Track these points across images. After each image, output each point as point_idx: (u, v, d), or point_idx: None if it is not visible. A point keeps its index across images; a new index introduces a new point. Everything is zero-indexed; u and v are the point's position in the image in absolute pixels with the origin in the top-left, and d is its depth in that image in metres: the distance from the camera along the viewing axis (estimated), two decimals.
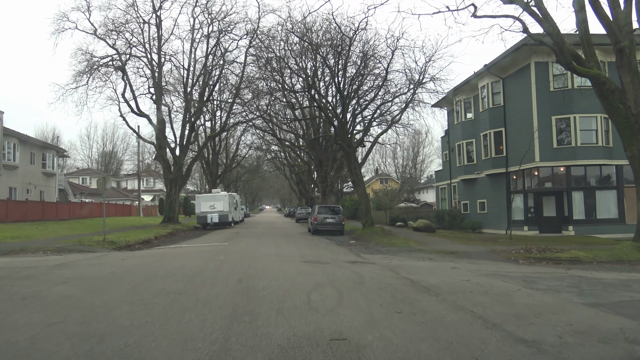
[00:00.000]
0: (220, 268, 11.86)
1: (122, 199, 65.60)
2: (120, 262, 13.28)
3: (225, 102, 40.34)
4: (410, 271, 12.17)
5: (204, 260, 13.76)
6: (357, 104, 31.34)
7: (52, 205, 38.02)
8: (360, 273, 11.44)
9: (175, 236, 29.31)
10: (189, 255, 15.34)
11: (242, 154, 67.11)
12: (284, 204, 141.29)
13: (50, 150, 41.01)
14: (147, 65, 36.82)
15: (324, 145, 47.51)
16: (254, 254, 15.97)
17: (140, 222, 40.98)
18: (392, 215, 37.82)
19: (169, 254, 15.83)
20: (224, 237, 26.21)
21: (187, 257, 14.70)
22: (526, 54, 27.44)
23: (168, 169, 36.52)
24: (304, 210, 52.51)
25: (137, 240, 23.10)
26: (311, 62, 29.76)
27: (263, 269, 11.62)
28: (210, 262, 13.08)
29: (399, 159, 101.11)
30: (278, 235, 27.84)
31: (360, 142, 29.25)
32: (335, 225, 28.68)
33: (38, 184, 38.92)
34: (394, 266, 13.35)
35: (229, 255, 15.47)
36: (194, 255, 15.55)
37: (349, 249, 19.66)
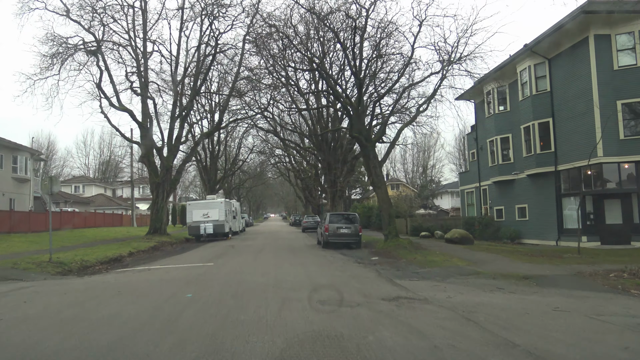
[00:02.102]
0: (174, 323, 6.77)
1: (115, 208, 60.72)
2: (13, 308, 8.20)
3: (219, 93, 35.40)
4: (501, 321, 7.09)
5: (159, 301, 8.67)
6: (374, 91, 26.34)
7: (23, 216, 33.12)
8: (422, 331, 6.36)
9: (156, 251, 24.31)
10: (140, 290, 10.21)
11: (244, 158, 61.99)
12: (289, 212, 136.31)
13: (23, 153, 36.14)
14: (130, 54, 32.04)
15: (333, 146, 42.52)
16: (243, 284, 10.87)
17: (127, 234, 35.96)
18: (414, 223, 32.70)
19: (114, 287, 10.73)
20: (213, 254, 21.16)
21: (136, 294, 9.59)
22: (582, 26, 22.41)
23: (154, 172, 31.56)
24: (311, 219, 47.36)
25: (100, 259, 18.08)
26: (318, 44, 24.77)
27: (248, 326, 6.53)
28: (165, 308, 7.97)
29: (409, 164, 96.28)
30: (281, 250, 22.76)
31: (381, 135, 24.14)
32: (350, 236, 23.60)
33: (7, 190, 34.06)
34: (464, 308, 8.23)
35: (204, 287, 10.38)
36: (151, 289, 10.43)
37: (375, 270, 14.53)
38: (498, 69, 28.78)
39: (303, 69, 23.96)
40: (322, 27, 22.56)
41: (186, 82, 33.00)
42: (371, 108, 26.13)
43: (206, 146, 53.00)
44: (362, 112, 22.43)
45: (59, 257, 16.76)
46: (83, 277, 13.57)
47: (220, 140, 54.61)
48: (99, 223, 45.87)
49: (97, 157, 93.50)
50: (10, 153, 34.59)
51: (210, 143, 52.99)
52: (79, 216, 42.39)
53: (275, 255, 19.48)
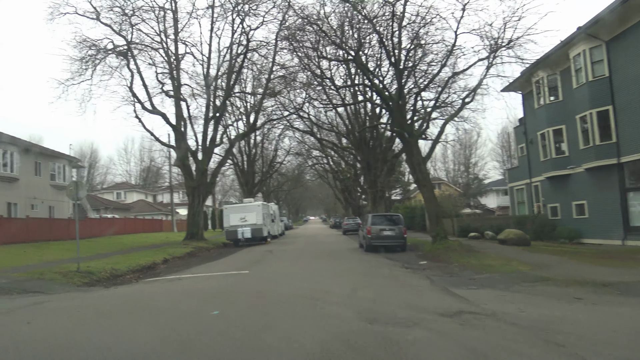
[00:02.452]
0: (187, 351, 5.50)
1: (155, 214, 60.86)
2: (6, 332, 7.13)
3: (253, 94, 34.45)
4: (596, 346, 5.55)
5: (177, 319, 7.44)
6: (414, 84, 24.71)
7: (62, 223, 32.98)
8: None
9: (192, 258, 23.41)
10: (160, 305, 8.98)
11: (281, 160, 61.10)
12: (329, 214, 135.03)
13: (61, 160, 36.15)
14: (162, 57, 31.48)
15: (372, 144, 41.02)
16: (276, 297, 9.58)
17: (165, 239, 35.41)
18: (461, 224, 30.82)
19: (133, 302, 9.61)
20: (249, 260, 20.04)
21: (154, 311, 8.37)
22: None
23: (189, 176, 30.86)
24: (351, 221, 45.92)
25: (132, 268, 17.21)
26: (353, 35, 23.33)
27: (275, 353, 5.20)
28: (181, 329, 6.71)
29: (450, 163, 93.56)
30: (320, 255, 21.44)
31: (424, 129, 22.51)
32: (395, 239, 22.06)
33: (46, 198, 34.04)
34: (544, 326, 6.70)
35: (232, 301, 9.15)
36: (172, 303, 9.22)
37: (426, 277, 13.00)
38: (547, 56, 26.63)
39: (339, 60, 22.54)
40: (357, 16, 21.17)
41: (219, 83, 32.24)
42: (412, 102, 24.57)
43: (242, 149, 52.32)
44: (402, 105, 20.90)
45: (89, 266, 15.96)
46: (108, 289, 12.60)
47: (256, 143, 53.86)
48: (139, 229, 45.76)
49: (138, 164, 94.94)
50: (48, 161, 34.62)
51: (247, 146, 52.30)
52: (118, 222, 42.32)
53: (315, 261, 18.16)
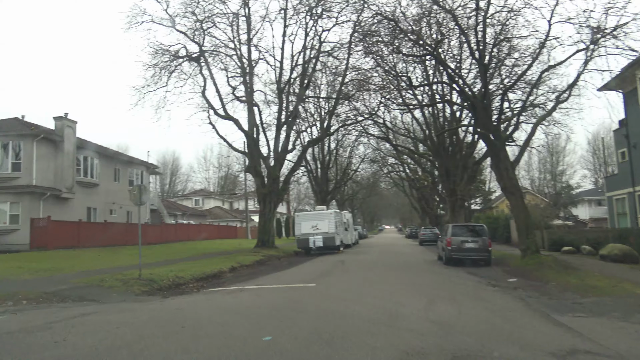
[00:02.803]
0: None
1: (230, 220, 61.48)
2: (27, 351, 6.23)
3: (327, 98, 33.42)
4: None
5: (222, 345, 6.24)
6: (500, 83, 22.52)
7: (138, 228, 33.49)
8: None
9: (261, 266, 22.57)
10: (210, 325, 7.81)
11: (355, 168, 59.81)
12: (405, 223, 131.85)
13: (139, 167, 36.92)
14: (236, 62, 31.26)
15: (451, 150, 38.75)
16: (344, 320, 8.16)
17: (238, 246, 35.08)
18: (552, 236, 27.92)
19: (183, 318, 8.48)
20: (318, 271, 18.81)
21: (200, 332, 7.21)
22: None
23: (261, 183, 30.27)
24: (429, 231, 43.68)
25: (197, 276, 16.48)
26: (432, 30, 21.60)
27: None
28: None
29: (534, 171, 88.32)
30: (396, 268, 19.80)
31: (513, 130, 20.28)
32: (478, 252, 20.02)
33: (124, 203, 34.70)
34: None
35: (292, 323, 7.86)
36: (224, 323, 8.02)
37: (520, 299, 11.10)
38: None
39: (415, 55, 20.83)
40: (436, 11, 19.49)
41: (291, 89, 31.51)
42: (497, 103, 22.45)
43: (316, 156, 51.59)
44: (487, 105, 18.89)
45: (152, 273, 15.37)
46: (165, 300, 11.77)
47: (330, 150, 52.95)
48: (213, 235, 46.08)
49: (217, 172, 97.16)
50: (127, 167, 35.44)
51: (321, 152, 51.51)
52: (193, 228, 42.76)
53: (389, 275, 16.58)
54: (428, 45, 19.89)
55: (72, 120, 28.77)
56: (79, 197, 29.49)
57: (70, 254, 23.18)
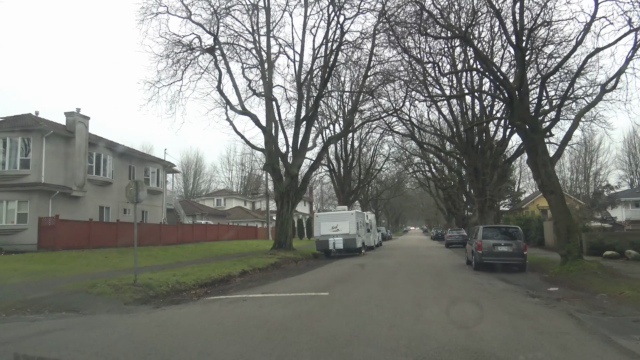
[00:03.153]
0: None
1: (251, 221, 60.31)
2: None
3: (349, 91, 31.80)
4: None
5: None
6: (537, 72, 20.60)
7: (154, 228, 32.48)
8: None
9: (275, 270, 21.13)
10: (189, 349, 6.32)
11: (379, 167, 57.99)
12: (430, 224, 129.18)
13: (155, 165, 35.87)
14: (255, 56, 29.94)
15: (480, 148, 36.74)
16: (357, 342, 6.56)
17: (255, 247, 33.75)
18: (591, 239, 25.71)
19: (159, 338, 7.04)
20: (335, 276, 17.26)
21: None
22: None
23: (279, 181, 28.85)
24: (455, 233, 41.66)
25: (201, 281, 15.07)
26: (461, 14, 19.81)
27: None
28: None
29: (566, 171, 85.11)
30: (420, 273, 18.05)
31: (554, 122, 18.24)
32: (512, 256, 18.17)
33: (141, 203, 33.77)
34: None
35: (293, 343, 6.34)
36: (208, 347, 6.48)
37: (569, 315, 9.31)
38: None
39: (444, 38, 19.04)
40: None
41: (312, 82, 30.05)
42: (535, 96, 20.45)
43: (339, 155, 50.03)
44: (524, 94, 16.99)
45: (151, 278, 14.02)
46: (156, 310, 10.38)
47: (353, 149, 51.32)
48: (233, 236, 44.89)
49: (240, 172, 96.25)
50: (142, 165, 34.41)
51: (343, 151, 49.93)
52: (211, 229, 41.62)
53: (413, 283, 14.88)
54: (457, 30, 18.13)
55: (84, 115, 27.81)
56: (90, 196, 28.51)
57: (76, 255, 22.13)
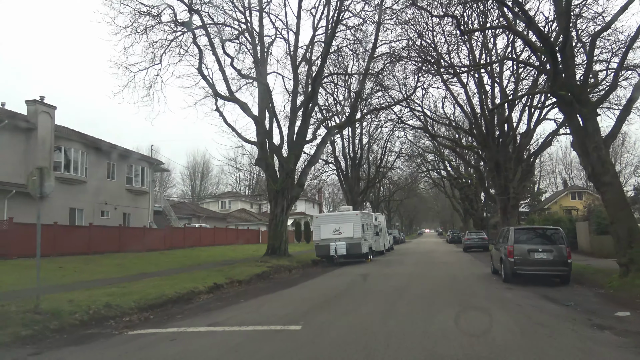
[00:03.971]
0: None
1: (254, 224, 56.60)
2: None
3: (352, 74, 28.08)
4: None
5: None
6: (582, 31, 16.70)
7: (137, 233, 28.99)
8: None
9: (261, 282, 17.57)
10: None
11: (389, 165, 54.05)
12: (445, 227, 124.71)
13: (140, 162, 32.38)
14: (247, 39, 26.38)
15: (502, 141, 32.86)
16: None
17: (251, 253, 30.05)
18: None
19: None
20: (325, 293, 13.52)
21: None
22: None
23: (273, 178, 25.20)
24: (475, 235, 37.58)
25: (147, 302, 11.39)
26: None
27: None
28: None
29: None
30: (436, 288, 14.18)
31: (610, 91, 14.25)
32: (554, 265, 14.27)
33: (120, 204, 30.35)
34: None
35: None
36: None
37: None
38: None
39: None
40: None
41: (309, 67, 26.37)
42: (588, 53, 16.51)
43: (346, 151, 46.28)
44: (569, 56, 13.15)
45: (72, 300, 10.50)
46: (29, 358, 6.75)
47: (362, 145, 47.52)
48: (232, 239, 41.32)
49: (247, 174, 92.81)
50: (124, 162, 30.94)
51: (351, 146, 46.15)
52: (206, 233, 38.07)
53: (427, 305, 11.05)
54: None
55: (49, 104, 24.39)
56: (59, 196, 25.05)
57: (25, 265, 18.64)
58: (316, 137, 28.24)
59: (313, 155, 26.46)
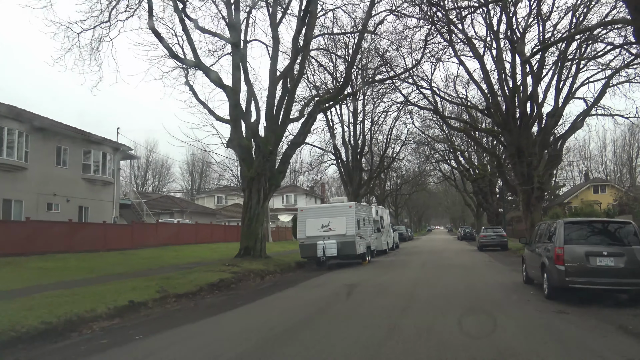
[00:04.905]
0: None
1: None
2: None
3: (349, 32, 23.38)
4: None
5: None
6: None
7: (96, 229, 24.59)
8: None
9: (213, 295, 13.14)
10: None
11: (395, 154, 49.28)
12: (455, 223, 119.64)
13: (101, 147, 27.75)
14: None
15: (523, 124, 28.14)
16: None
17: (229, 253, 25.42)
18: None
19: None
20: (283, 320, 8.86)
21: None
22: None
23: (247, 162, 20.59)
24: (491, 232, 32.67)
25: None
26: None
27: None
28: None
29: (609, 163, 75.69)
30: (449, 308, 9.50)
31: None
32: (626, 275, 9.58)
33: (75, 195, 25.88)
34: None
35: None
36: None
37: None
38: None
39: None
40: None
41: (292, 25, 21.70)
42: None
43: (346, 139, 41.60)
44: None
45: None
46: None
47: (364, 132, 42.82)
48: (218, 237, 36.83)
49: None
50: (80, 147, 26.38)
51: (353, 134, 41.48)
52: (186, 229, 33.55)
53: (433, 344, 6.42)
54: None
55: None
56: None
57: None
58: (304, 115, 23.50)
59: (297, 135, 21.65)
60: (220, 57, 23.42)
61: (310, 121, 21.84)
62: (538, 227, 12.74)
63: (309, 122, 21.72)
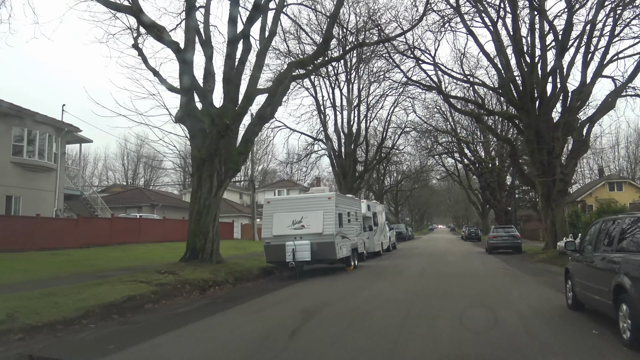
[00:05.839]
0: None
1: (234, 216, 47.47)
2: None
3: None
4: None
5: None
6: None
7: (27, 224, 20.19)
8: None
9: (111, 321, 8.57)
10: None
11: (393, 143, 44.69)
12: (459, 222, 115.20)
13: (42, 127, 23.11)
14: None
15: (543, 102, 23.84)
16: None
17: None
18: None
19: None
20: None
21: None
22: None
23: (198, 140, 16.11)
24: (503, 232, 27.98)
25: None
26: None
27: None
28: None
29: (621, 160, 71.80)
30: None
31: None
32: None
33: (4, 183, 21.41)
34: None
35: None
36: None
37: None
38: None
39: None
40: None
41: None
42: None
43: (339, 126, 37.16)
44: None
45: None
46: None
47: (359, 117, 38.34)
48: None
49: None
50: (8, 124, 21.82)
51: (347, 122, 37.03)
52: (150, 225, 29.02)
53: None
54: None
55: None
56: None
57: None
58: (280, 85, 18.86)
59: (264, 106, 17.03)
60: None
61: (280, 89, 17.25)
62: (600, 225, 8.16)
63: (278, 89, 17.12)
